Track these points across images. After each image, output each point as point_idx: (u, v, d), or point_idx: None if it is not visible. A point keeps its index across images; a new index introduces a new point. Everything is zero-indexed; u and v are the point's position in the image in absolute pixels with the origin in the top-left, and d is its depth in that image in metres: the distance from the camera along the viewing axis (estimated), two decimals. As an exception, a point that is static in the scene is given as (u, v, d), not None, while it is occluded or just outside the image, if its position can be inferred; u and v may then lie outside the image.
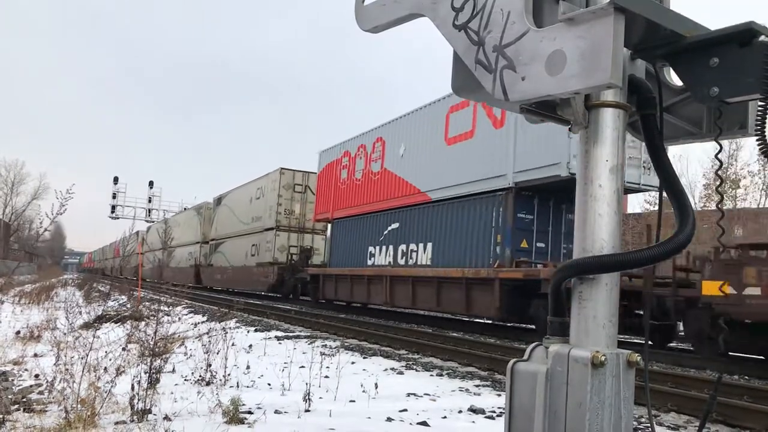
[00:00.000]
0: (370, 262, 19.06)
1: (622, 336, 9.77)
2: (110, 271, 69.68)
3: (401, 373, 7.76)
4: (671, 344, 11.47)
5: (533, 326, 13.15)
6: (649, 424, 5.17)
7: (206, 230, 39.88)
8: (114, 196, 64.61)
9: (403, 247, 17.46)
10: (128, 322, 9.51)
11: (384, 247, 18.40)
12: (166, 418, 4.49)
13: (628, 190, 13.22)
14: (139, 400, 4.53)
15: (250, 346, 9.53)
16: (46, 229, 6.30)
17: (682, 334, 11.06)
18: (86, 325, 9.47)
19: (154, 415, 4.55)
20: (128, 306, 14.34)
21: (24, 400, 4.96)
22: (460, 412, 5.52)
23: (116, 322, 10.08)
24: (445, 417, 5.28)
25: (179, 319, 7.23)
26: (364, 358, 9.03)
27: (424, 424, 4.96)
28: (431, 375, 7.76)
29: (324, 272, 22.06)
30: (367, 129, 20.32)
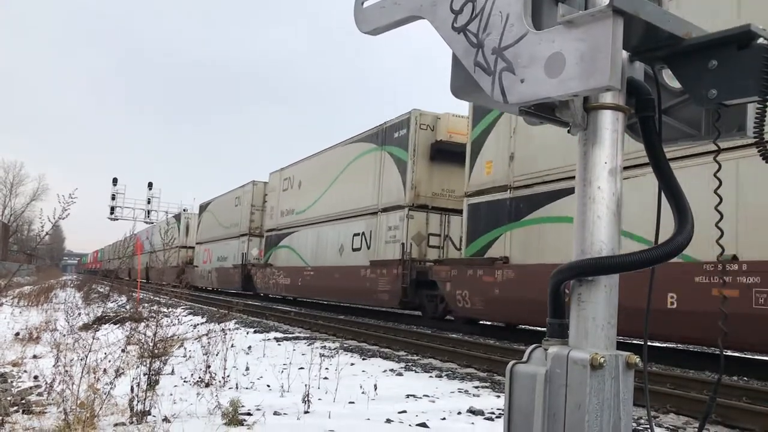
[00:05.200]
0: None
1: (621, 337, 9.77)
2: (128, 273, 49.40)
3: (400, 374, 7.76)
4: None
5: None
6: (648, 426, 5.17)
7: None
8: (113, 198, 64.61)
9: None
10: (127, 323, 9.51)
11: None
12: (166, 419, 4.49)
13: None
14: (138, 401, 4.53)
15: (250, 347, 9.53)
16: (47, 233, 6.28)
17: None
18: (85, 327, 9.47)
19: (154, 416, 4.56)
20: (127, 307, 14.32)
21: (23, 401, 4.96)
22: (459, 413, 5.52)
23: (115, 324, 10.08)
24: (444, 418, 5.28)
25: (179, 320, 7.23)
26: (363, 359, 9.03)
27: (423, 425, 4.96)
28: (430, 376, 7.76)
29: None
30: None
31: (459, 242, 15.03)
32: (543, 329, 1.65)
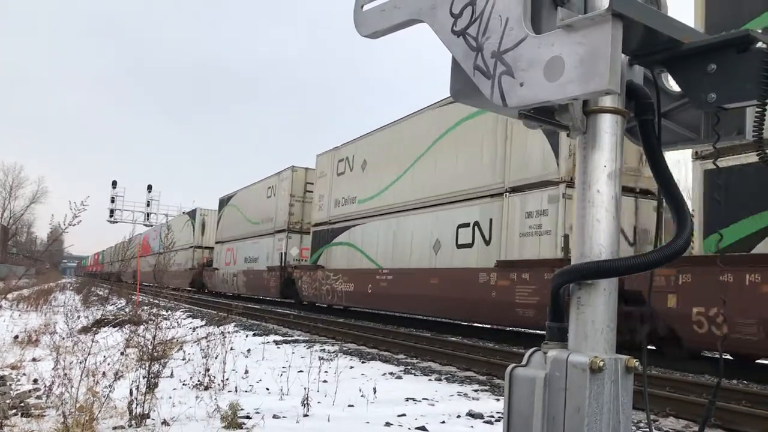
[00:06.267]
0: None
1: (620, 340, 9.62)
2: (133, 276, 36.99)
3: (400, 377, 7.74)
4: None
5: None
6: (648, 429, 5.16)
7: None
8: (113, 200, 64.46)
9: None
10: (127, 326, 9.51)
11: None
12: (165, 423, 4.48)
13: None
14: (137, 404, 4.53)
15: (249, 350, 9.51)
16: (56, 239, 6.33)
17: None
18: (85, 330, 9.46)
19: (153, 419, 4.55)
20: (127, 310, 14.31)
21: (22, 404, 4.96)
22: (458, 416, 5.51)
23: (115, 327, 10.07)
24: (443, 422, 5.27)
25: (178, 323, 7.23)
26: (362, 362, 9.01)
27: (422, 429, 4.95)
28: (430, 379, 7.75)
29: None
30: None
31: (657, 235, 11.32)
32: None
